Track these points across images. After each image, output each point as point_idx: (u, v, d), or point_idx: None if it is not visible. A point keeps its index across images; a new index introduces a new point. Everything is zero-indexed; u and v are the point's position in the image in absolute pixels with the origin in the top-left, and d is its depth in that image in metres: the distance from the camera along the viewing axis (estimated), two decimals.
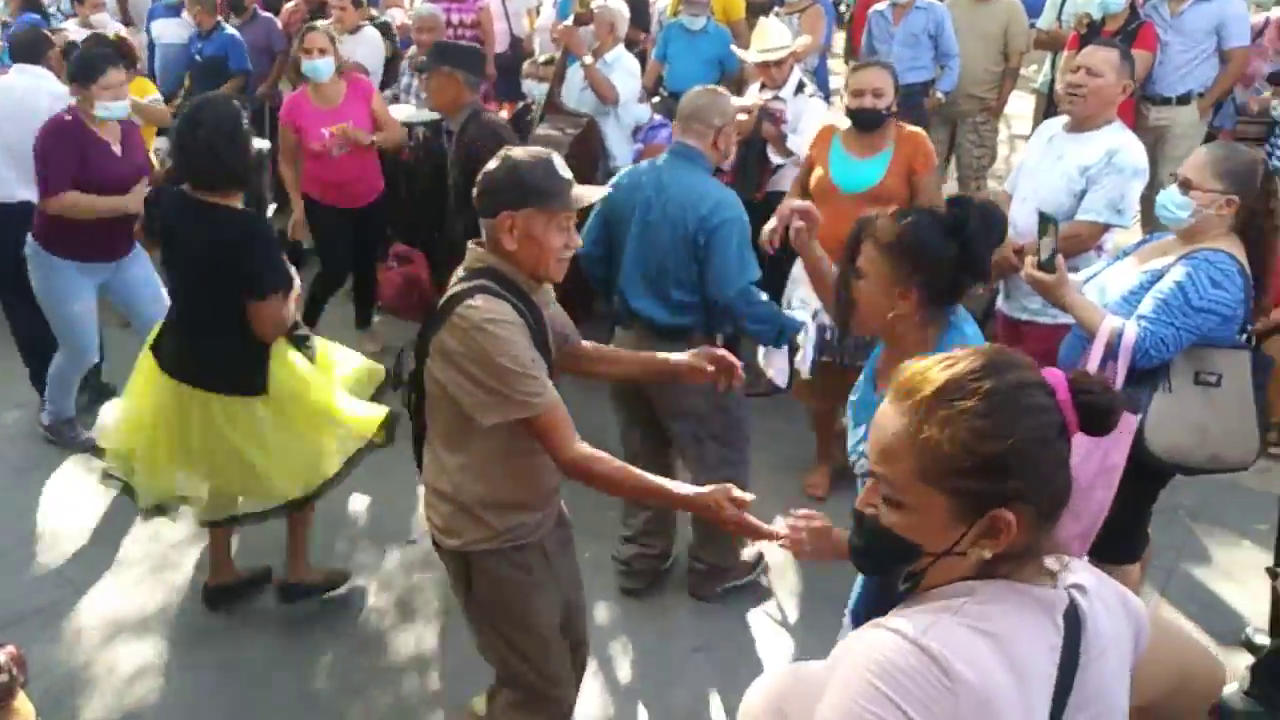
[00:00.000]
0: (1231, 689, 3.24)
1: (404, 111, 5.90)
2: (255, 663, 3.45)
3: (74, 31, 6.15)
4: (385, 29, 7.06)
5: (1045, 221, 2.87)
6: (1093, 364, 2.83)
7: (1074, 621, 1.21)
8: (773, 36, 4.75)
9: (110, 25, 6.62)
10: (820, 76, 6.66)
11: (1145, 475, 2.94)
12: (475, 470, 2.39)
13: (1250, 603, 3.66)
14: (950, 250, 2.12)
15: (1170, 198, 2.88)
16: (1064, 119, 3.67)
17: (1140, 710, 1.34)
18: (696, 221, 3.23)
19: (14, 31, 5.21)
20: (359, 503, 4.31)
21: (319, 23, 5.34)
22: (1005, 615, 1.16)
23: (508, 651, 2.58)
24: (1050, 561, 1.24)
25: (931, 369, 1.21)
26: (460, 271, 2.39)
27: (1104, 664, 1.23)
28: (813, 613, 3.69)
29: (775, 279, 4.21)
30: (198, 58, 6.62)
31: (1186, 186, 2.86)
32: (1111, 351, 2.79)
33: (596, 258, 3.50)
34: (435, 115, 5.97)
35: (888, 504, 1.21)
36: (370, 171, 5.31)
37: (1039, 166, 3.65)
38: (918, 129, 4.05)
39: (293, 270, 3.33)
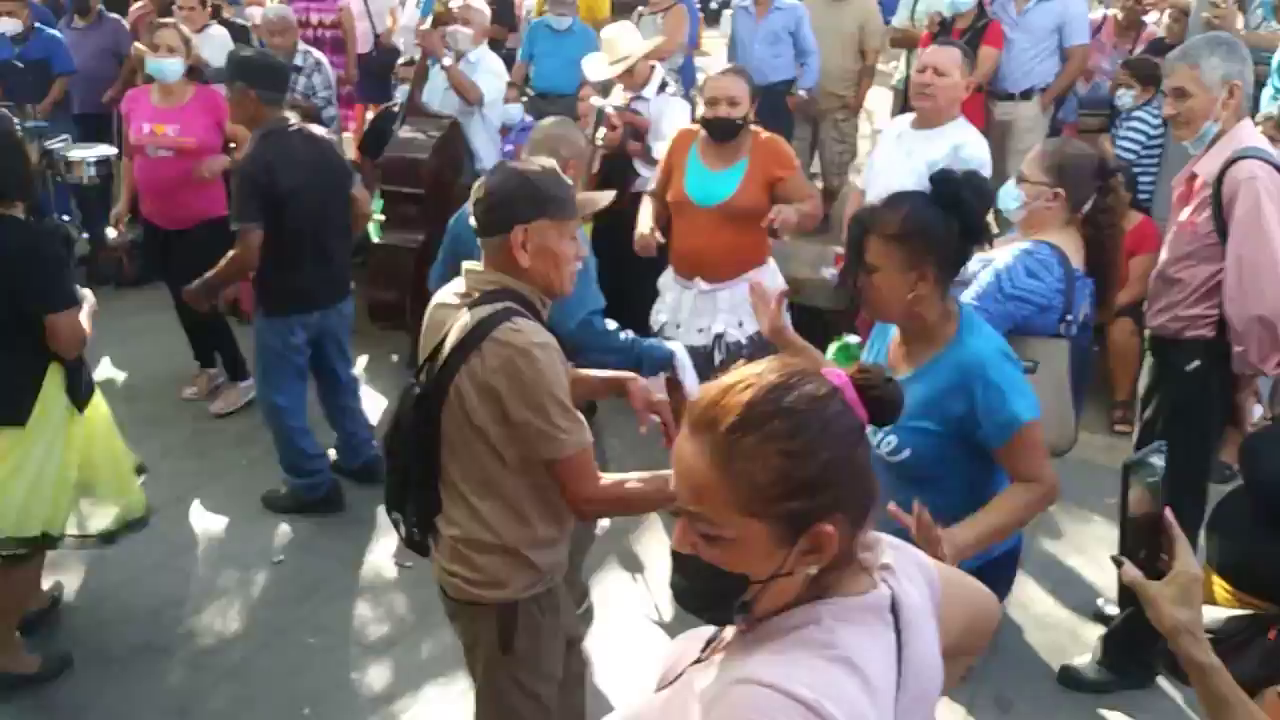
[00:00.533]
0: (1084, 660, 3.39)
1: None
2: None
3: None
4: (243, 31, 6.83)
5: None
6: None
7: (895, 610, 1.23)
8: (621, 45, 4.73)
9: None
10: (687, 75, 6.72)
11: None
12: (513, 512, 2.22)
13: (1101, 575, 3.83)
14: (954, 226, 2.20)
15: (1006, 190, 3.00)
16: (911, 116, 3.79)
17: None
18: None
19: None
20: (216, 523, 4.16)
21: (171, 20, 5.12)
22: (852, 635, 1.16)
23: (523, 700, 2.36)
24: (861, 549, 1.24)
25: (727, 396, 1.16)
26: (452, 298, 2.23)
27: (920, 637, 1.25)
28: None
29: (643, 289, 4.19)
30: (18, 64, 6.25)
31: (1020, 180, 2.98)
32: None
33: None
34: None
35: (706, 540, 1.17)
36: (196, 193, 4.77)
37: (890, 163, 3.75)
38: (773, 135, 3.96)
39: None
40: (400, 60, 6.22)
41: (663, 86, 4.80)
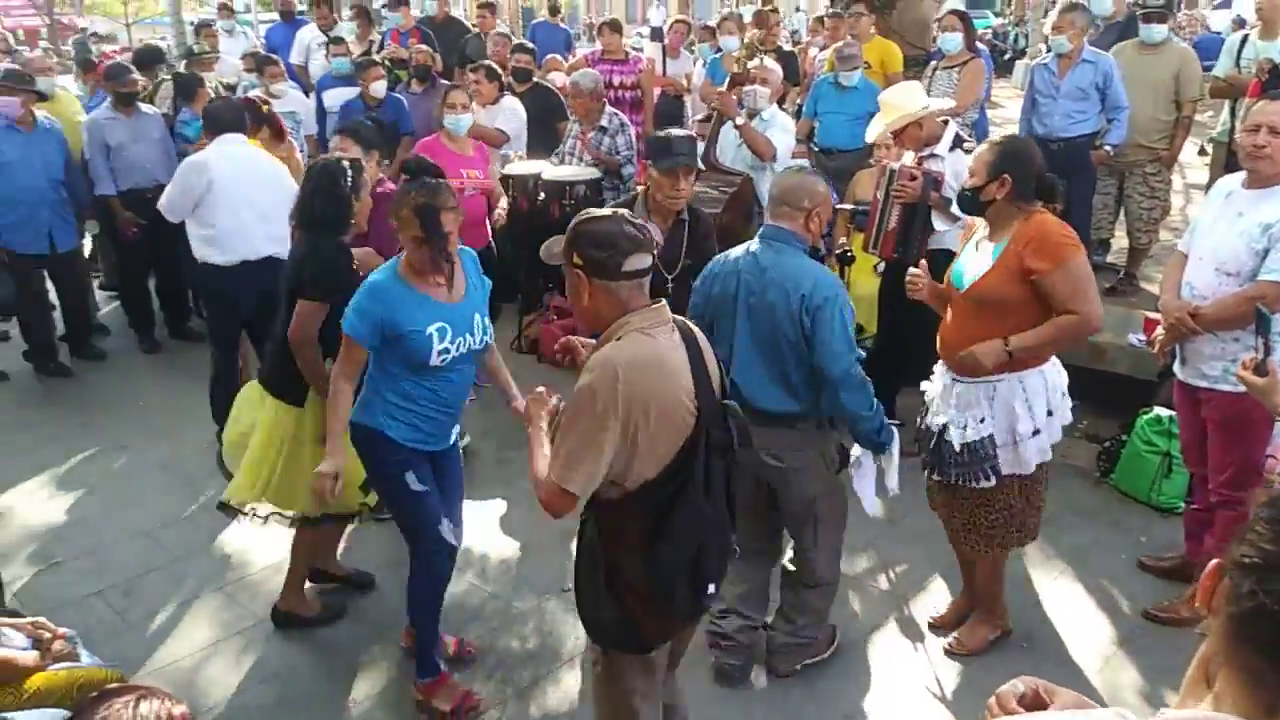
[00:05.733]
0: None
1: (566, 171, 6.19)
2: None
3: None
4: (548, 93, 7.35)
5: (1260, 319, 2.70)
6: None
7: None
8: (896, 104, 4.67)
9: (290, 94, 7.50)
10: (980, 130, 6.56)
11: None
12: None
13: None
14: None
15: None
16: (1242, 175, 3.50)
17: None
18: (799, 300, 3.15)
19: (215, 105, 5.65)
20: (509, 547, 4.44)
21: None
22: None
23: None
24: None
25: None
26: (668, 335, 2.47)
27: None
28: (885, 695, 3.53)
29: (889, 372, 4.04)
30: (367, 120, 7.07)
31: None
32: None
33: None
34: (595, 173, 6.20)
35: None
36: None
37: (1216, 224, 3.48)
38: (1048, 218, 3.24)
39: None
40: (698, 117, 6.51)
41: (957, 142, 4.71)
